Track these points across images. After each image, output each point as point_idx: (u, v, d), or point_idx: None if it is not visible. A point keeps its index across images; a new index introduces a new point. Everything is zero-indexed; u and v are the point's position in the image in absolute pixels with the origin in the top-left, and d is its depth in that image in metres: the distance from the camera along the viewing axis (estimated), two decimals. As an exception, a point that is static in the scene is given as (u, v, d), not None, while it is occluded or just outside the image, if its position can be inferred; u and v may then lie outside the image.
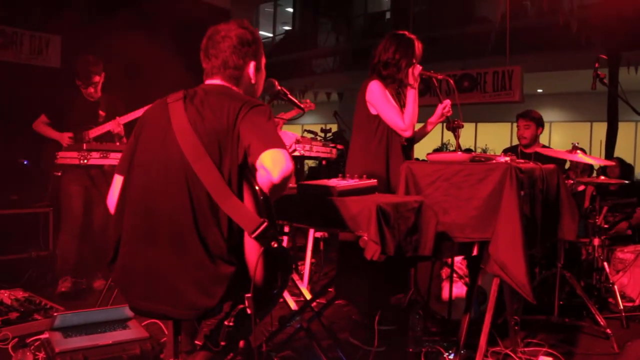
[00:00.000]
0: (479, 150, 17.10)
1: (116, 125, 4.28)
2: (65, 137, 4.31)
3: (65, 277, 4.37)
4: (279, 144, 1.82)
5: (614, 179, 4.99)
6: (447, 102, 3.56)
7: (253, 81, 2.19)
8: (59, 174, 4.34)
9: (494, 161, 2.90)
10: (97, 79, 4.40)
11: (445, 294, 3.79)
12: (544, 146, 4.97)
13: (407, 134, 3.47)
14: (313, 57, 19.24)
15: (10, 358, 2.99)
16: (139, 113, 4.19)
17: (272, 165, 1.75)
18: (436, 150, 12.29)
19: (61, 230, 4.52)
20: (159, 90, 2.20)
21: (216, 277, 1.86)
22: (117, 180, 2.15)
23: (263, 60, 2.25)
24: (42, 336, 3.09)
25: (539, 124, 4.96)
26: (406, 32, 3.55)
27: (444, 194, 2.81)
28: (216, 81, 2.13)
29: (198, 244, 1.86)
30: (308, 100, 4.23)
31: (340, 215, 2.28)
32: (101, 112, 4.44)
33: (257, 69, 2.20)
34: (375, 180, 2.61)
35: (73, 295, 4.32)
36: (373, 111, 3.48)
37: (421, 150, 4.39)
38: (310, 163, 10.24)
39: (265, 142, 1.81)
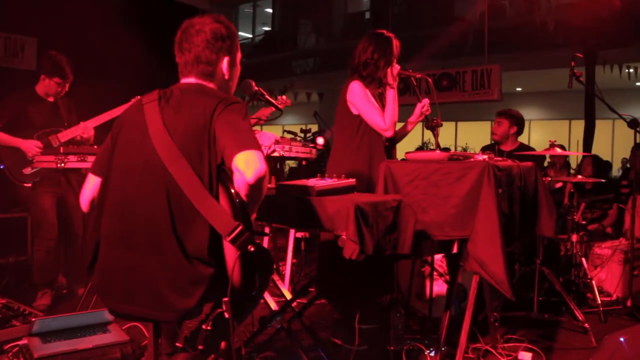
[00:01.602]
0: (459, 149, 17.22)
1: (83, 129, 4.12)
2: (32, 147, 4.04)
3: (44, 290, 4.23)
4: (252, 145, 1.81)
5: (591, 179, 5.05)
6: (426, 101, 3.58)
7: (227, 77, 2.15)
8: (30, 185, 4.14)
9: (472, 159, 2.92)
10: (71, 77, 4.26)
11: (426, 292, 3.81)
12: (521, 145, 5.00)
13: (389, 133, 3.47)
14: (293, 58, 19.24)
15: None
16: (109, 116, 4.09)
17: (245, 167, 1.75)
18: (419, 150, 12.33)
19: (35, 245, 4.31)
20: (135, 92, 2.19)
21: (194, 278, 1.85)
22: (91, 180, 2.14)
23: (238, 56, 2.21)
24: (20, 342, 3.05)
25: (514, 122, 4.91)
26: (384, 31, 3.56)
27: (423, 193, 2.82)
28: (191, 79, 2.11)
29: (176, 246, 1.85)
30: (284, 97, 4.17)
31: (319, 215, 2.29)
32: (65, 114, 4.29)
33: (232, 64, 2.16)
34: (354, 180, 2.61)
35: (52, 304, 4.24)
36: (354, 111, 3.49)
37: (403, 149, 4.41)
38: (291, 163, 10.24)
39: (239, 144, 1.81)
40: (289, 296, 3.25)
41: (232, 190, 1.81)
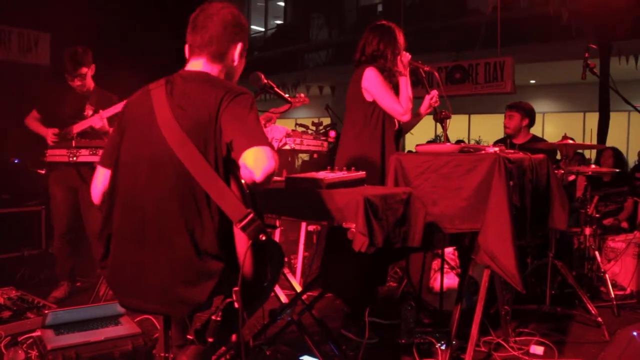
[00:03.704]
0: (472, 142, 17.12)
1: (98, 119, 4.08)
2: (49, 134, 4.13)
3: (63, 282, 4.29)
4: (261, 140, 1.78)
5: (604, 169, 4.99)
6: (435, 92, 3.57)
7: (235, 63, 2.13)
8: (44, 172, 4.20)
9: (483, 152, 2.90)
10: (84, 70, 4.21)
11: (437, 285, 3.80)
12: (534, 137, 4.96)
13: (406, 117, 3.47)
14: (305, 51, 19.23)
15: (2, 356, 2.99)
16: (122, 106, 4.09)
17: (254, 165, 1.72)
18: (430, 142, 12.28)
19: (54, 235, 4.37)
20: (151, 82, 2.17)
21: (205, 272, 1.84)
22: (101, 172, 2.11)
23: (246, 46, 2.18)
24: (34, 334, 3.09)
25: (525, 115, 4.88)
26: (384, 22, 3.57)
27: (433, 185, 2.81)
28: (197, 65, 2.07)
29: (187, 240, 1.84)
30: (302, 95, 4.16)
31: (328, 207, 2.28)
32: (89, 106, 4.29)
33: (242, 53, 2.14)
34: (364, 172, 2.60)
35: (66, 298, 4.28)
36: (368, 98, 3.48)
37: (414, 142, 4.41)
38: (304, 157, 10.24)
39: (247, 139, 1.78)
40: (299, 289, 3.25)
41: (243, 181, 1.80)
